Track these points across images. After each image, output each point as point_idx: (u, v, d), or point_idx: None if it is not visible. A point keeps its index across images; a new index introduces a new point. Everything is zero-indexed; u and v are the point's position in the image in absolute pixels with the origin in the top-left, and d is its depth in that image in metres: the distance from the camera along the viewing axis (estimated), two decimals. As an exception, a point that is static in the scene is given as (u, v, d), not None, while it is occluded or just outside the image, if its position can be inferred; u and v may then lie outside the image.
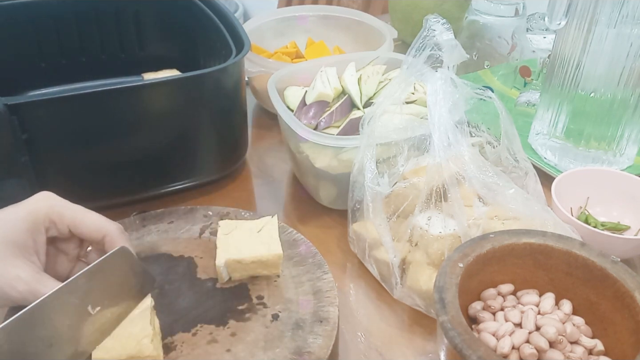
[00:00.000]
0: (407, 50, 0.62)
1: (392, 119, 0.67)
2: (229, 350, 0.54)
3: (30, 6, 0.85)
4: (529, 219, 0.60)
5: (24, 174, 0.63)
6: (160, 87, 0.69)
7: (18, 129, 0.61)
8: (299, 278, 0.61)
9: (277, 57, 0.97)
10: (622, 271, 0.50)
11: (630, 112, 0.74)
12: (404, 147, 0.64)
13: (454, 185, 0.59)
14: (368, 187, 0.63)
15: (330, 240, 0.70)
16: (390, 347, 0.58)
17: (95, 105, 0.65)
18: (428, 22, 0.61)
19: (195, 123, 0.72)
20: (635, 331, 0.48)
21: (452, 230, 0.59)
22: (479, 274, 0.53)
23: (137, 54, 0.93)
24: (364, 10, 1.22)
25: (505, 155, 0.66)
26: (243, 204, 0.77)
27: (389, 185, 0.63)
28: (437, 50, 0.60)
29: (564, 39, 0.74)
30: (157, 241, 0.66)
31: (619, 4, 0.67)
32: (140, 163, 0.71)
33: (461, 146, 0.60)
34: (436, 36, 0.60)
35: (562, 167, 0.79)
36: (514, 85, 0.95)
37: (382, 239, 0.61)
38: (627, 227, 0.69)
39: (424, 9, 1.07)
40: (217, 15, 0.82)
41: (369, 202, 0.62)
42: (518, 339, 0.48)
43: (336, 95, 0.75)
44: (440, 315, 0.46)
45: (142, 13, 0.91)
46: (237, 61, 0.71)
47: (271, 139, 0.90)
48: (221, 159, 0.78)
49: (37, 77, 0.88)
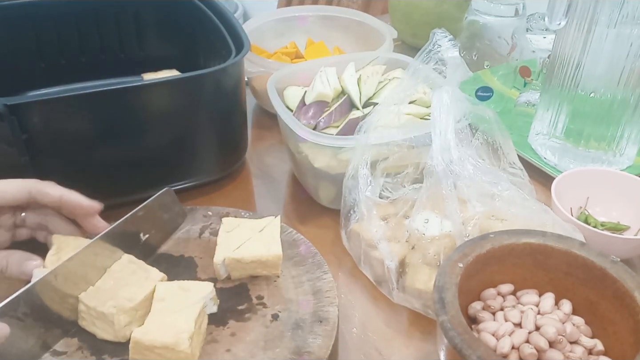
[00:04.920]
0: (407, 50, 0.62)
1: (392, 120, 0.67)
2: (229, 350, 0.54)
3: (30, 6, 0.85)
4: (528, 219, 0.60)
5: (24, 174, 0.63)
6: (160, 87, 0.69)
7: (18, 129, 0.61)
8: (299, 278, 0.61)
9: (277, 57, 0.97)
10: (621, 271, 0.50)
11: (630, 112, 0.74)
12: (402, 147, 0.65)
13: (451, 186, 0.59)
14: (363, 195, 0.63)
15: (330, 240, 0.70)
16: (390, 347, 0.58)
17: (95, 105, 0.65)
18: (435, 36, 0.61)
19: (195, 123, 0.72)
20: (635, 331, 0.48)
21: (448, 231, 0.59)
22: (478, 274, 0.53)
23: (137, 54, 0.93)
24: (364, 10, 1.22)
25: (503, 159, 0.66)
26: (243, 204, 0.76)
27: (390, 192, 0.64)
28: (441, 66, 0.60)
29: (564, 39, 0.74)
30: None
31: (619, 4, 0.67)
32: (140, 163, 0.71)
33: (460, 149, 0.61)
34: (441, 52, 0.60)
35: (562, 167, 0.79)
36: (514, 85, 0.95)
37: (378, 244, 0.61)
38: (627, 227, 0.69)
39: (424, 9, 1.07)
40: (217, 16, 0.82)
41: (364, 209, 0.63)
42: (518, 338, 0.48)
43: (336, 95, 0.75)
44: (440, 315, 0.46)
45: (142, 13, 0.91)
46: (237, 61, 0.71)
47: (271, 139, 0.90)
48: (221, 159, 0.78)
49: (37, 77, 0.88)
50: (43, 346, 0.52)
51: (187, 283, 0.56)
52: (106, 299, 0.54)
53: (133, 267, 0.58)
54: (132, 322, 0.54)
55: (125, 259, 0.58)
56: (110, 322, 0.53)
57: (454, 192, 0.59)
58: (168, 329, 0.51)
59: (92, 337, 0.54)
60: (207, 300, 0.55)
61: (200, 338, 0.53)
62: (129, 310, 0.53)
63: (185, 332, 0.50)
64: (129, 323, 0.54)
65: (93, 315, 0.53)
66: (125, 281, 0.56)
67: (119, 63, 0.92)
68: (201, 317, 0.54)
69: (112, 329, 0.53)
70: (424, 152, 0.62)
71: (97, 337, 0.54)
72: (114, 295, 0.54)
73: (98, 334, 0.54)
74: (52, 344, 0.53)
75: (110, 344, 0.54)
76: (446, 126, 0.60)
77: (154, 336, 0.50)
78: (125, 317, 0.53)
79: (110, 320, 0.53)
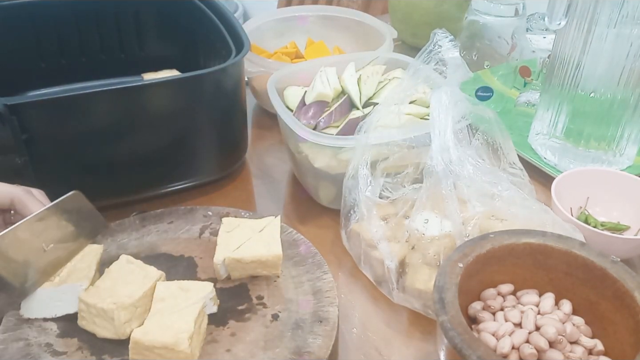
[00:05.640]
0: (407, 50, 0.62)
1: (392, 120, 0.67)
2: (229, 350, 0.54)
3: (30, 6, 0.85)
4: (528, 219, 0.60)
5: (24, 174, 0.63)
6: (160, 87, 0.69)
7: (18, 129, 0.61)
8: (299, 278, 0.61)
9: (277, 57, 0.97)
10: (622, 271, 0.50)
11: (630, 112, 0.74)
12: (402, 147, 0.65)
13: (450, 186, 0.59)
14: (363, 195, 0.63)
15: (330, 240, 0.70)
16: (390, 347, 0.58)
17: (95, 105, 0.65)
18: (435, 36, 0.61)
19: (195, 123, 0.72)
20: (635, 331, 0.48)
21: (448, 231, 0.59)
22: (478, 274, 0.53)
23: (137, 54, 0.93)
24: (364, 10, 1.22)
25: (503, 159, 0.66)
26: (243, 204, 0.77)
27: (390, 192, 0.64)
28: (442, 66, 0.60)
29: (564, 39, 0.74)
30: (157, 241, 0.66)
31: (619, 4, 0.67)
32: (140, 163, 0.71)
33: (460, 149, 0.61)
34: (442, 52, 0.60)
35: (562, 167, 0.79)
36: (514, 85, 0.95)
37: (378, 244, 0.61)
38: (627, 227, 0.69)
39: (424, 9, 1.07)
40: (217, 16, 0.82)
41: (364, 209, 0.63)
42: (518, 339, 0.48)
43: (336, 95, 0.75)
44: (440, 315, 0.46)
45: (142, 13, 0.91)
46: (237, 61, 0.71)
47: (271, 139, 0.90)
48: (221, 159, 0.78)
49: (37, 77, 0.88)
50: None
51: (187, 283, 0.56)
52: (106, 296, 0.54)
53: (131, 267, 0.58)
54: (132, 319, 0.54)
55: (123, 259, 0.59)
56: (110, 318, 0.53)
57: (453, 192, 0.59)
58: (168, 329, 0.51)
59: (92, 337, 0.54)
60: (207, 300, 0.55)
61: (200, 338, 0.53)
62: (129, 307, 0.54)
63: (185, 332, 0.50)
64: (129, 320, 0.54)
65: (93, 313, 0.53)
66: (124, 280, 0.56)
67: (119, 63, 0.92)
68: (201, 317, 0.54)
69: (112, 325, 0.53)
70: (424, 152, 0.62)
71: (97, 336, 0.54)
72: (114, 293, 0.54)
73: (98, 332, 0.54)
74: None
75: (110, 344, 0.54)
76: (445, 126, 0.60)
77: (154, 336, 0.50)
78: (125, 313, 0.53)
79: (110, 317, 0.53)
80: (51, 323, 0.56)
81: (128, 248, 0.65)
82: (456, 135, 0.61)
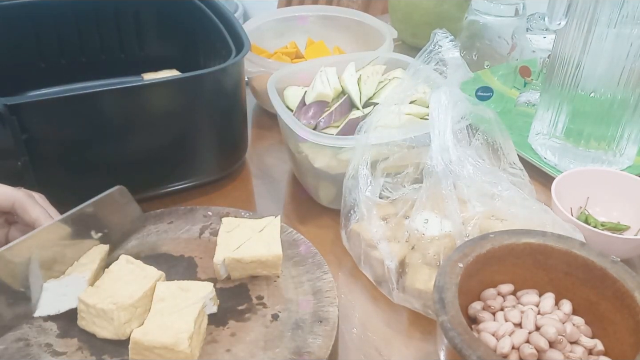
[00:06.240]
0: (407, 50, 0.62)
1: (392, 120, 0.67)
2: (229, 350, 0.54)
3: (30, 6, 0.85)
4: (528, 219, 0.60)
5: (24, 174, 0.63)
6: (160, 87, 0.69)
7: (18, 129, 0.61)
8: (299, 278, 0.61)
9: (277, 57, 0.97)
10: (622, 271, 0.50)
11: (630, 112, 0.74)
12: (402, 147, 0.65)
13: (450, 186, 0.59)
14: (363, 195, 0.63)
15: (330, 240, 0.70)
16: (390, 347, 0.58)
17: (96, 105, 0.65)
18: (436, 36, 0.61)
19: (195, 123, 0.72)
20: (635, 331, 0.48)
21: (448, 231, 0.59)
22: (478, 274, 0.53)
23: (137, 54, 0.93)
24: (364, 10, 1.22)
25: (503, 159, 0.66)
26: (243, 204, 0.77)
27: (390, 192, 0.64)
28: (442, 66, 0.61)
29: (564, 39, 0.74)
30: (157, 241, 0.66)
31: (619, 4, 0.67)
32: (140, 163, 0.71)
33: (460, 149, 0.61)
34: (442, 52, 0.60)
35: (562, 167, 0.79)
36: (514, 85, 0.95)
37: (378, 244, 0.61)
38: (627, 227, 0.69)
39: (424, 9, 1.07)
40: (217, 15, 0.82)
41: (364, 209, 0.63)
42: (518, 339, 0.48)
43: (336, 95, 0.75)
44: (440, 315, 0.46)
45: (142, 13, 0.91)
46: (237, 61, 0.71)
47: (271, 139, 0.90)
48: (221, 159, 0.78)
49: (37, 77, 0.88)
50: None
51: (187, 283, 0.56)
52: (105, 297, 0.54)
53: (131, 267, 0.58)
54: (131, 319, 0.54)
55: (123, 260, 0.59)
56: (110, 319, 0.53)
57: (453, 192, 0.59)
58: (168, 329, 0.51)
59: (92, 337, 0.54)
60: (207, 300, 0.55)
61: (200, 338, 0.53)
62: (129, 307, 0.53)
63: (185, 332, 0.50)
64: (129, 320, 0.54)
65: (92, 313, 0.53)
66: (124, 280, 0.56)
67: (119, 63, 0.92)
68: (201, 317, 0.54)
69: (112, 326, 0.53)
70: (424, 152, 0.62)
71: (97, 336, 0.54)
72: (113, 293, 0.54)
73: (98, 332, 0.54)
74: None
75: (110, 344, 0.54)
76: (444, 126, 0.60)
77: (154, 336, 0.50)
78: (125, 313, 0.53)
79: (110, 317, 0.53)
80: (51, 323, 0.56)
81: (128, 248, 0.65)
82: (456, 136, 0.61)
